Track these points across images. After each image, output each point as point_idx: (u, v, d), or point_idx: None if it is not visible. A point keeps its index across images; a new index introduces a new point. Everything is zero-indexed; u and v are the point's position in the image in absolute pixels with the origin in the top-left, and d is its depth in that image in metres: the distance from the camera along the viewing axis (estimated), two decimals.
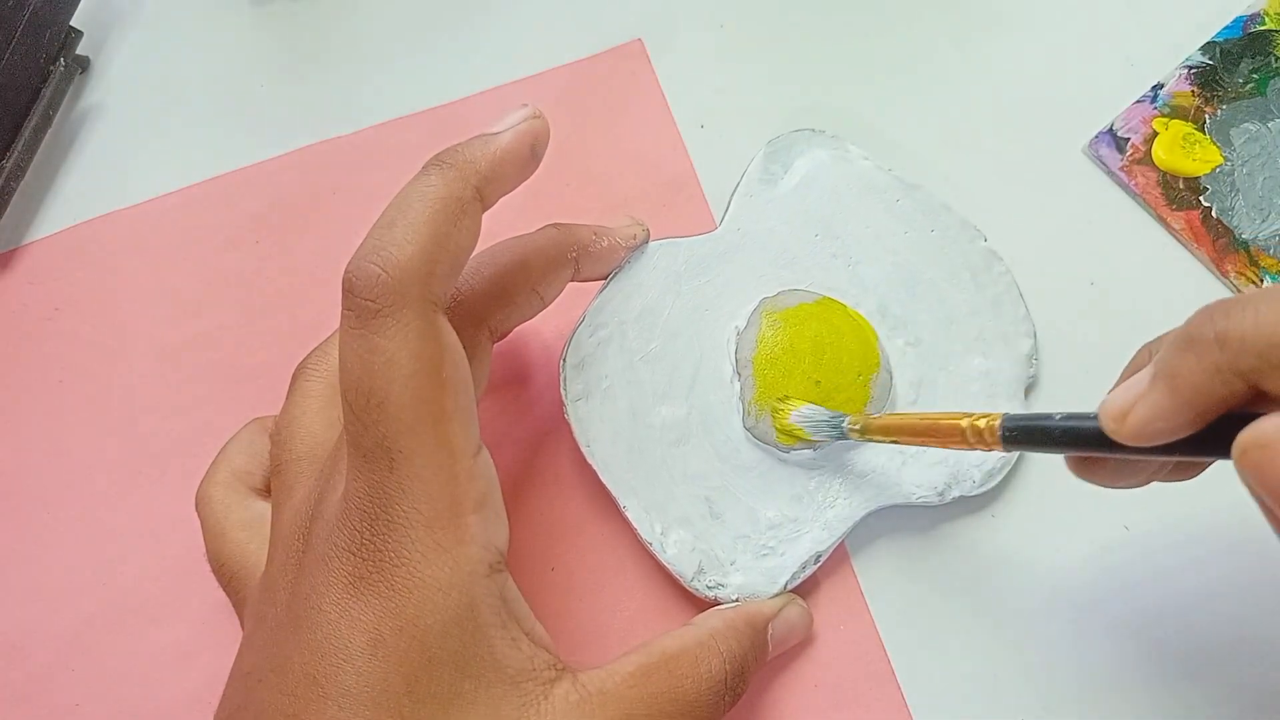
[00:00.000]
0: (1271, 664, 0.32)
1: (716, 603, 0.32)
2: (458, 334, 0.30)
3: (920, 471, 0.34)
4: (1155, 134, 0.39)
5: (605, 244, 0.34)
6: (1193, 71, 0.40)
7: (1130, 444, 0.23)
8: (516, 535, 0.35)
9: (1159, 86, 0.40)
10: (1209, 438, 0.21)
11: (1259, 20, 0.40)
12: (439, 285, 0.26)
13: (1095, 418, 0.23)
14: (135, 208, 0.42)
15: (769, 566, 0.33)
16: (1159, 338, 0.25)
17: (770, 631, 0.31)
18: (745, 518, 0.33)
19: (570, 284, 0.33)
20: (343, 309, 0.25)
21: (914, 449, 0.34)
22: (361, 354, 0.24)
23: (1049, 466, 0.35)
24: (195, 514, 0.31)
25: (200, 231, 0.42)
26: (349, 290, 0.25)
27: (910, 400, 0.35)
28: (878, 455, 0.34)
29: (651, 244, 0.36)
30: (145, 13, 0.47)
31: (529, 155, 0.29)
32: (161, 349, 0.40)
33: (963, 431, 0.27)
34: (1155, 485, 0.34)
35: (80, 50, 0.45)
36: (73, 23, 0.44)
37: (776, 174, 0.38)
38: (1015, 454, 0.35)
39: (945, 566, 0.34)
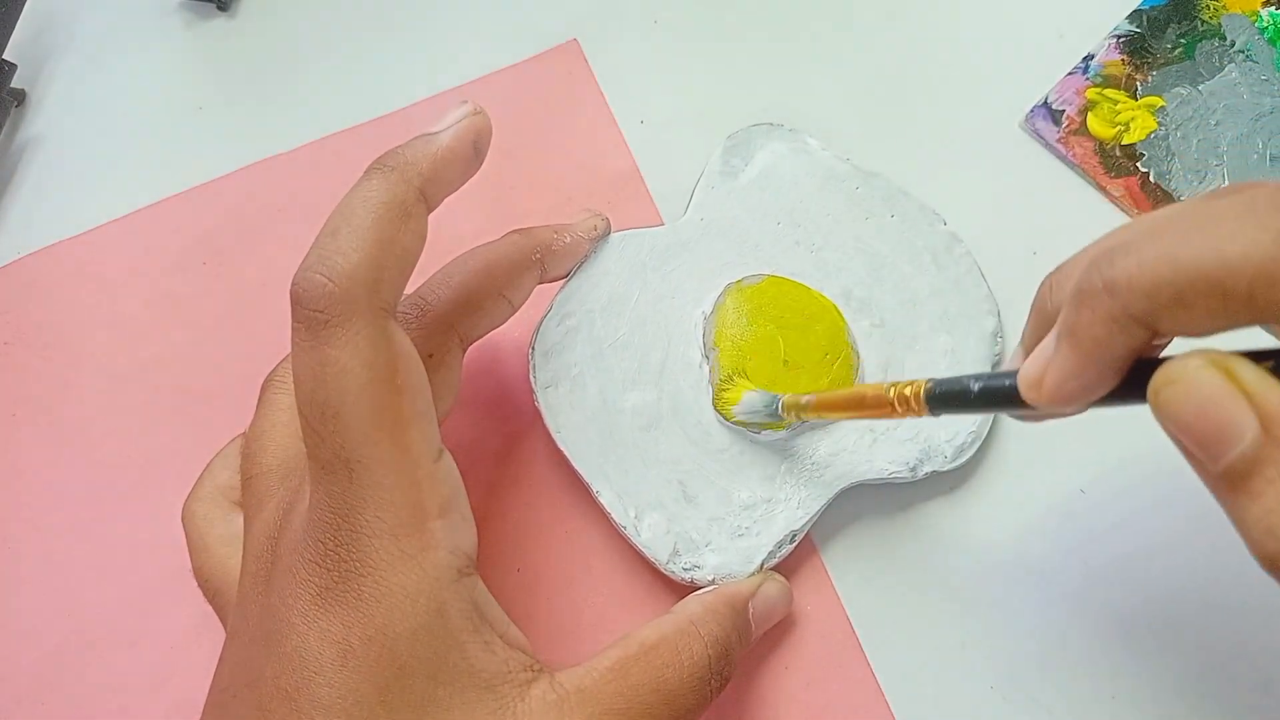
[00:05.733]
0: (1229, 622, 0.33)
1: (693, 586, 0.32)
2: (428, 343, 0.30)
3: (892, 448, 0.34)
4: (1089, 104, 0.39)
5: (568, 240, 0.34)
6: (1122, 40, 0.41)
7: (1051, 409, 0.23)
8: (486, 538, 0.35)
9: (1090, 57, 0.41)
10: (1130, 385, 0.21)
11: None
12: (388, 291, 0.25)
13: (1014, 379, 0.23)
14: (80, 237, 0.42)
15: (744, 546, 0.33)
16: (1058, 268, 0.25)
17: (751, 610, 0.31)
18: (718, 500, 0.34)
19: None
20: (293, 321, 0.25)
21: (885, 425, 0.35)
22: (313, 366, 0.24)
23: (1007, 440, 0.35)
24: (158, 538, 0.31)
25: (147, 256, 0.41)
26: (297, 302, 0.24)
27: (879, 381, 0.35)
28: (849, 435, 0.35)
29: (616, 235, 0.36)
30: (79, 42, 0.46)
31: (471, 153, 0.29)
32: (114, 376, 0.39)
33: (890, 401, 0.27)
34: (1111, 451, 0.35)
35: (15, 83, 0.44)
36: (5, 56, 0.44)
37: (737, 167, 0.38)
38: (986, 429, 0.35)
39: (907, 543, 0.35)
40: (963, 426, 0.35)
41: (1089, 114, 0.39)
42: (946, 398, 0.26)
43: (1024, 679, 0.33)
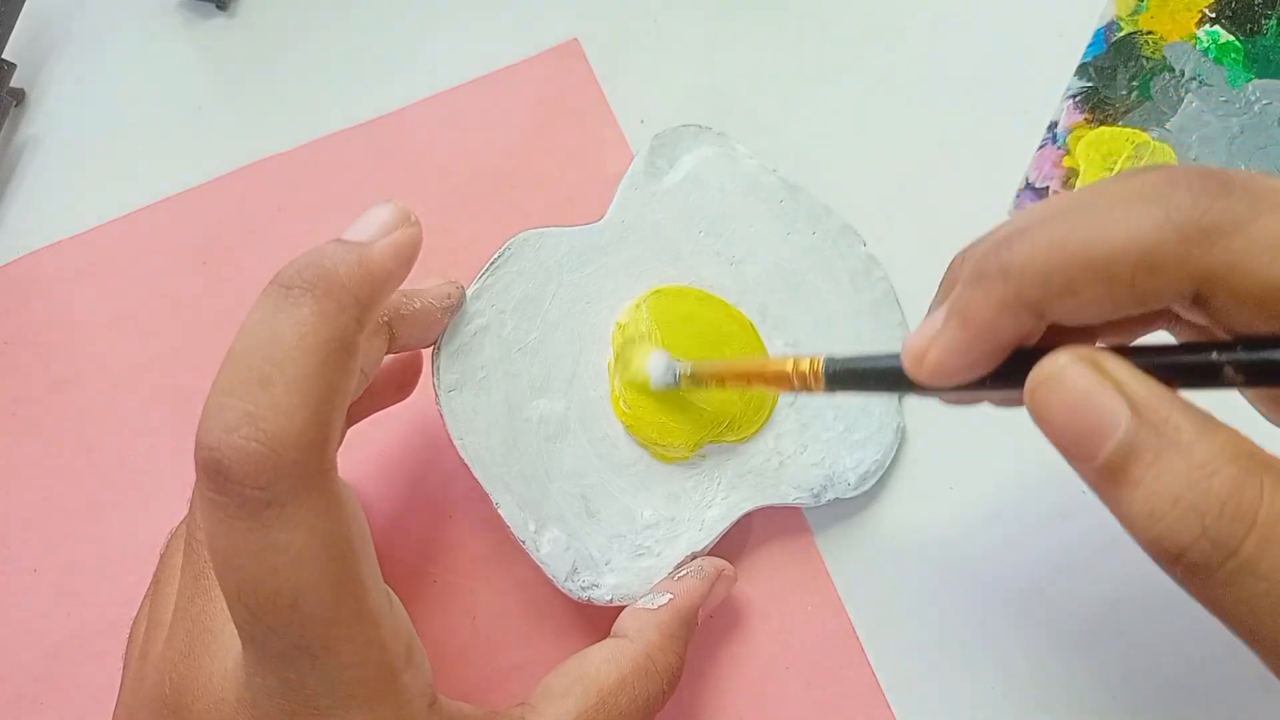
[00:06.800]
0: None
1: (589, 604, 0.32)
2: None
3: (797, 473, 0.34)
4: (1069, 174, 0.38)
5: (417, 305, 0.30)
6: (1078, 99, 0.39)
7: (931, 385, 0.22)
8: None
9: (1054, 125, 0.39)
10: (1009, 374, 0.21)
11: (1116, 28, 0.39)
12: (334, 449, 0.22)
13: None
14: (80, 236, 0.42)
15: (644, 567, 0.32)
16: (972, 243, 0.24)
17: (700, 613, 0.31)
18: (621, 516, 0.33)
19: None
20: (209, 493, 0.20)
21: (791, 450, 0.34)
22: (256, 552, 0.20)
23: (1007, 440, 0.35)
24: (158, 537, 0.31)
25: (147, 256, 0.41)
26: (222, 475, 0.20)
27: (789, 401, 0.35)
28: (755, 456, 0.34)
29: (532, 233, 0.34)
30: (78, 42, 0.46)
31: (406, 274, 0.25)
32: (114, 375, 0.39)
33: (789, 375, 0.27)
34: None
35: (14, 83, 0.44)
36: (5, 56, 0.44)
37: (662, 168, 0.37)
38: (890, 457, 0.35)
39: (908, 544, 0.34)
40: (867, 454, 0.34)
41: (1074, 182, 0.38)
42: (843, 376, 0.26)
43: (1024, 679, 0.33)
